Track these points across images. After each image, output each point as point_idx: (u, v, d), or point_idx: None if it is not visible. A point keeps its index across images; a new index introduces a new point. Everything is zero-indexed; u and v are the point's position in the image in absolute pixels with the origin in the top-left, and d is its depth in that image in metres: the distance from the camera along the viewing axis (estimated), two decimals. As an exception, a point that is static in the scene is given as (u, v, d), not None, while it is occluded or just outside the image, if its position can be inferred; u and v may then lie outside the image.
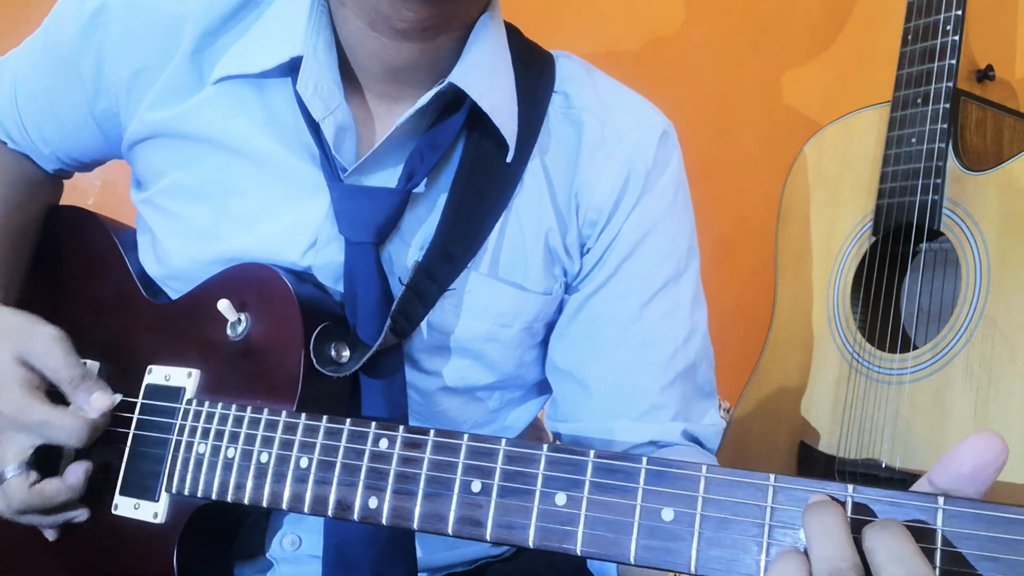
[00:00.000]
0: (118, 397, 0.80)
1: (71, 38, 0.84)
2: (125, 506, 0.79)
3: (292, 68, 0.78)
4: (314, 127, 0.78)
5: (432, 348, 0.84)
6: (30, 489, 0.76)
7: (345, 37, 0.79)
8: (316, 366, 0.75)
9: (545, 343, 0.91)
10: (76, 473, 0.78)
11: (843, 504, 0.52)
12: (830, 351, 1.26)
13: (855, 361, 1.23)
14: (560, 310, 0.88)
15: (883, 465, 1.15)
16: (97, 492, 0.80)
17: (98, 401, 0.77)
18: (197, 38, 0.81)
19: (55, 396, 0.78)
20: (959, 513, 0.50)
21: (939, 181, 1.16)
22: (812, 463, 1.24)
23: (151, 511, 0.77)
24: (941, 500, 0.50)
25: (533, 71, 0.85)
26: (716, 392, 0.92)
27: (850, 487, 0.53)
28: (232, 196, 0.83)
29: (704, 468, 0.57)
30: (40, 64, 0.89)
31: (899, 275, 1.27)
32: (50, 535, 0.82)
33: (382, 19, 0.74)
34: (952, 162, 1.16)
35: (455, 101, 0.80)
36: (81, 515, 0.80)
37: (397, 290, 0.79)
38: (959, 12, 1.18)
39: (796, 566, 0.51)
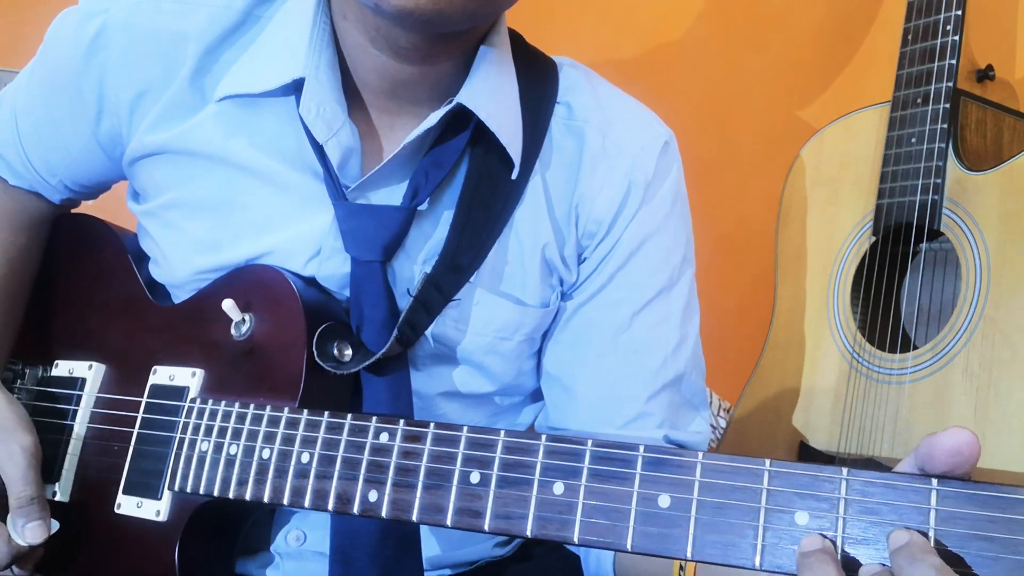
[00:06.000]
0: (55, 526, 0.78)
1: (71, 63, 0.83)
2: (128, 505, 0.79)
3: (295, 88, 0.78)
4: (318, 148, 0.78)
5: (433, 357, 0.85)
6: None
7: (348, 51, 0.79)
8: (318, 360, 0.75)
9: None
10: (26, 567, 0.78)
11: (840, 484, 0.53)
12: (830, 351, 1.27)
13: (855, 361, 1.23)
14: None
15: (883, 465, 1.15)
16: (100, 491, 0.80)
17: (32, 532, 0.75)
18: (199, 56, 0.81)
19: None
20: (953, 494, 0.50)
21: (939, 181, 1.16)
22: (812, 463, 1.24)
23: (153, 509, 0.77)
24: (935, 481, 0.51)
25: (536, 83, 0.85)
26: (706, 404, 0.92)
27: (844, 470, 0.53)
28: (235, 209, 0.83)
29: (700, 455, 0.57)
30: (40, 93, 0.88)
31: (899, 275, 1.27)
32: None
33: (382, 38, 0.74)
34: (952, 162, 1.16)
35: (459, 119, 0.79)
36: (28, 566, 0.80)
37: (402, 301, 0.80)
38: (959, 12, 1.18)
39: None
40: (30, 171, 0.92)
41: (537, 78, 0.86)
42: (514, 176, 0.81)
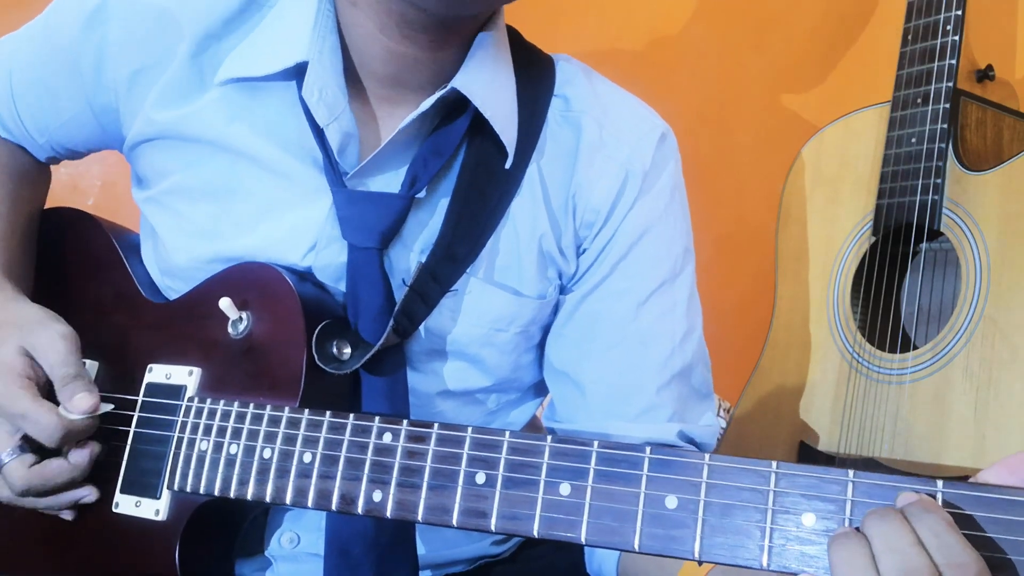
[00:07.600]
0: (108, 406, 0.79)
1: (71, 34, 0.84)
2: (126, 504, 0.79)
3: (296, 72, 0.78)
4: (318, 132, 0.78)
5: (430, 352, 0.85)
6: (29, 470, 0.77)
7: (352, 39, 0.79)
8: (318, 362, 0.75)
9: (541, 346, 0.91)
10: (80, 453, 0.78)
11: (847, 487, 0.53)
12: (830, 351, 1.27)
13: (855, 361, 1.23)
14: (556, 312, 0.89)
15: (883, 465, 1.15)
16: (97, 490, 0.80)
17: (80, 402, 0.76)
18: (198, 39, 0.81)
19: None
20: (958, 496, 0.51)
21: (939, 181, 1.16)
22: (812, 463, 1.24)
23: (153, 508, 0.77)
24: (940, 483, 0.51)
25: (533, 76, 0.86)
26: (713, 394, 0.92)
27: (851, 472, 0.53)
28: (235, 197, 0.83)
29: (707, 456, 0.57)
30: (38, 57, 0.89)
31: (899, 275, 1.27)
32: (67, 515, 0.82)
33: (394, 24, 0.75)
34: (952, 162, 1.16)
35: (457, 107, 0.80)
36: (89, 495, 0.80)
37: (399, 292, 0.79)
38: (959, 12, 1.18)
39: (860, 553, 0.51)
40: (20, 128, 0.93)
41: (534, 71, 0.86)
42: (507, 165, 0.81)
